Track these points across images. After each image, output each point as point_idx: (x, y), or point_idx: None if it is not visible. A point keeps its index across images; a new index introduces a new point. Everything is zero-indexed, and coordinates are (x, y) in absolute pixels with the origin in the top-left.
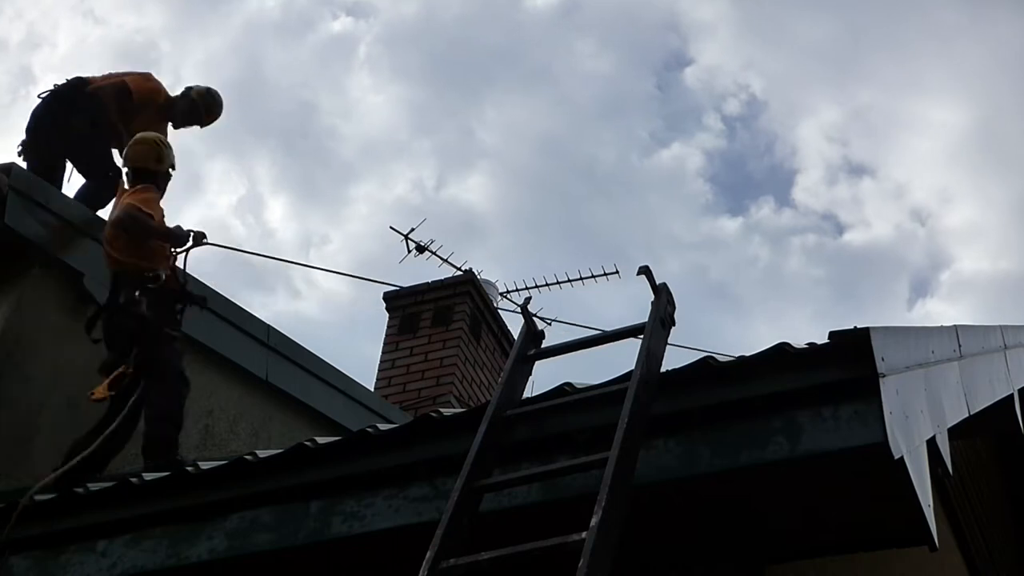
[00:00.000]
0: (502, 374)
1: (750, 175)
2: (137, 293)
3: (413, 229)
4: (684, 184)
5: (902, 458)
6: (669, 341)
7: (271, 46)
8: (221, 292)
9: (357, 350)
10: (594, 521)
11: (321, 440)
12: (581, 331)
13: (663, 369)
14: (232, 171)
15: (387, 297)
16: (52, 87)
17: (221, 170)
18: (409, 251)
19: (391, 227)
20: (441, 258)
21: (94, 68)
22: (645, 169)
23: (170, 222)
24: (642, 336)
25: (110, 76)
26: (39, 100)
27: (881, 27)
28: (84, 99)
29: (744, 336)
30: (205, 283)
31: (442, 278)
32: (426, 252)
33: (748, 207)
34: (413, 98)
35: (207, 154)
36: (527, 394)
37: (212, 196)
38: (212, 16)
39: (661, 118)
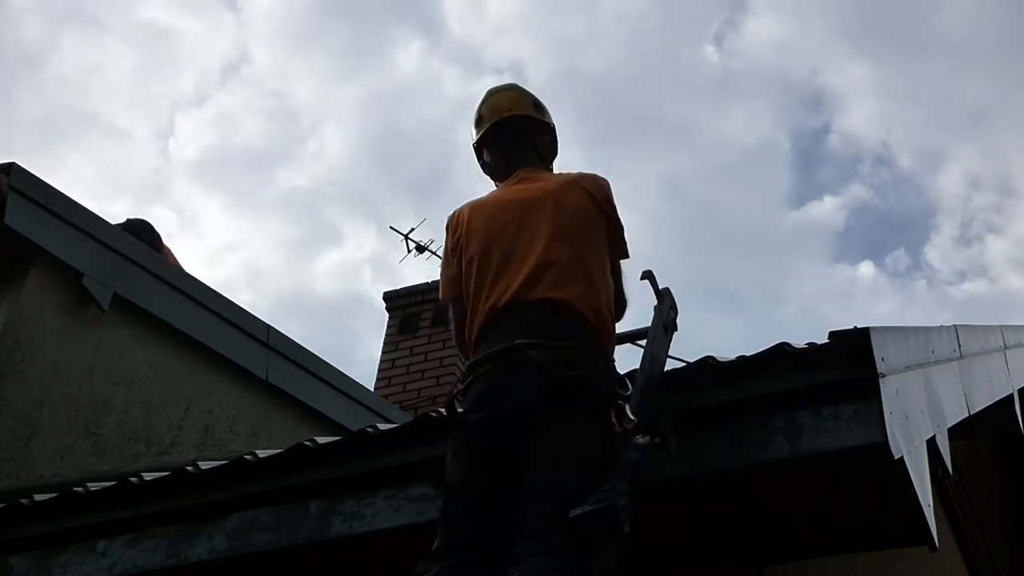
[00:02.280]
0: None
1: (883, 230)
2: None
3: (413, 229)
4: (814, 238)
5: (902, 458)
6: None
7: (412, 102)
8: (219, 292)
9: None
10: None
11: (321, 440)
12: None
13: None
14: (369, 222)
15: (387, 297)
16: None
17: (358, 220)
18: (409, 251)
19: (391, 227)
20: (441, 258)
21: (242, 129)
22: (778, 223)
23: (306, 269)
24: (645, 340)
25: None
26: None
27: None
28: None
29: None
30: (206, 283)
31: None
32: (426, 252)
33: (880, 260)
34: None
35: (345, 205)
36: None
37: (348, 244)
38: (359, 75)
39: (800, 174)
